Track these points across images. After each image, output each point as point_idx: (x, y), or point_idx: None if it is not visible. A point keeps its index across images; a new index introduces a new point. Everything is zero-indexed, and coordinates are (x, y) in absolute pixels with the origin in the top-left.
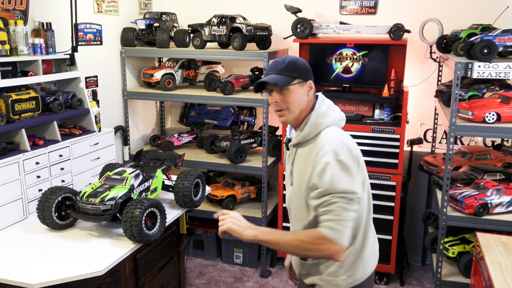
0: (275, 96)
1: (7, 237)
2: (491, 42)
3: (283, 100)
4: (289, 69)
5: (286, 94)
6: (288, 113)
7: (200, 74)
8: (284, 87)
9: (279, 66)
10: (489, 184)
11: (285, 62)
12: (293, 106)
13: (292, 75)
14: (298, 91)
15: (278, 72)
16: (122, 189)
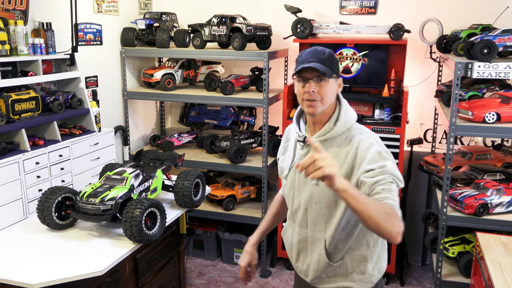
0: (312, 85)
1: (7, 237)
2: (491, 42)
3: (319, 91)
4: (330, 61)
5: (324, 86)
6: (320, 105)
7: (200, 74)
8: (324, 78)
9: (320, 55)
10: (489, 184)
11: (326, 53)
12: (327, 99)
13: (332, 68)
14: (333, 86)
15: (320, 61)
16: (122, 189)
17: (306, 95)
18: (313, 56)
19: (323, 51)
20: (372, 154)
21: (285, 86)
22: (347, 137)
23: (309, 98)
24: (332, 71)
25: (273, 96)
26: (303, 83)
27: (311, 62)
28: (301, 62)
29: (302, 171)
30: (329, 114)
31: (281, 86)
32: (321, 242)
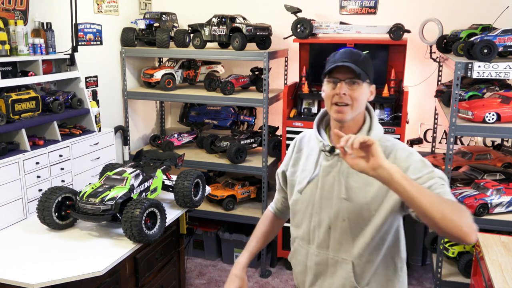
0: (344, 87)
1: (7, 237)
2: (491, 42)
3: (350, 95)
4: (366, 64)
5: (356, 90)
6: (349, 110)
7: (200, 74)
8: (358, 81)
9: (356, 56)
10: (489, 184)
11: (361, 55)
12: (357, 105)
13: (367, 72)
14: (366, 91)
15: (356, 63)
16: (122, 189)
17: (336, 98)
18: (348, 56)
19: (359, 53)
20: (415, 163)
21: (285, 86)
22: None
23: (339, 101)
24: (367, 75)
25: (273, 96)
26: (333, 84)
27: (345, 62)
28: (333, 61)
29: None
30: (359, 123)
31: (281, 86)
32: (347, 264)
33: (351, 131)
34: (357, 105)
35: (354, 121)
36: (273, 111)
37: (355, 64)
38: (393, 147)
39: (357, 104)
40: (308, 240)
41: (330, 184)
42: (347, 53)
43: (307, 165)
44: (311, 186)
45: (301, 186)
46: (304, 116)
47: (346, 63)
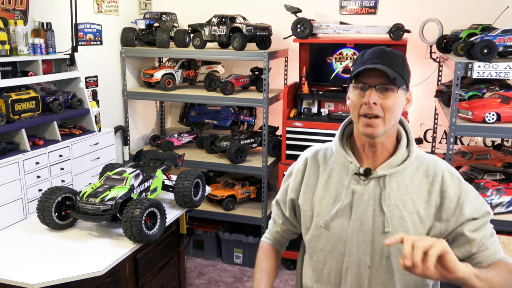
0: (374, 95)
1: (7, 237)
2: (491, 42)
3: (383, 105)
4: (402, 67)
5: (390, 98)
6: (381, 124)
7: (200, 74)
8: (392, 87)
9: (390, 57)
10: (489, 184)
11: (398, 56)
12: (391, 117)
13: (403, 76)
14: (402, 100)
15: (391, 65)
16: (122, 189)
17: (364, 108)
18: (379, 56)
19: (394, 53)
20: (469, 194)
21: (285, 86)
22: (417, 167)
23: (369, 113)
24: (403, 79)
25: (273, 96)
26: (361, 91)
27: (377, 64)
28: (361, 63)
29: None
30: (393, 137)
31: (281, 86)
32: None
33: (385, 149)
34: (391, 117)
35: (388, 136)
36: (273, 111)
37: (388, 67)
38: (437, 167)
39: (391, 116)
40: (335, 285)
41: (367, 214)
42: (379, 53)
43: (329, 191)
44: (340, 218)
45: (325, 219)
46: (304, 116)
47: (377, 65)
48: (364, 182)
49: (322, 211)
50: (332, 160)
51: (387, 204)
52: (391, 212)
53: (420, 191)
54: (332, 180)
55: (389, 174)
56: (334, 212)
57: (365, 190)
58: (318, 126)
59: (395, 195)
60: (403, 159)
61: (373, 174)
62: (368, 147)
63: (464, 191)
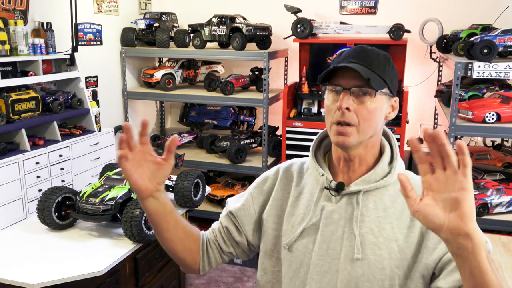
0: (347, 100)
1: (7, 237)
2: (491, 42)
3: (357, 111)
4: (382, 68)
5: (366, 104)
6: (355, 133)
7: (200, 74)
8: (369, 91)
9: (370, 56)
10: (489, 184)
11: (379, 55)
12: (367, 126)
13: (384, 78)
14: (382, 106)
15: (369, 65)
16: (122, 189)
17: (337, 115)
18: (357, 55)
19: (376, 52)
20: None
21: (285, 86)
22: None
23: (340, 120)
24: (384, 82)
25: (273, 96)
26: (335, 95)
27: (351, 63)
28: (337, 62)
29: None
30: (375, 151)
31: (281, 86)
32: None
33: (364, 163)
34: (367, 126)
35: (366, 148)
36: (273, 111)
37: (365, 66)
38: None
39: (367, 124)
40: None
41: (336, 236)
42: (357, 51)
43: (298, 208)
44: (305, 239)
45: (289, 240)
46: (304, 116)
47: (351, 64)
48: (336, 198)
49: (287, 230)
50: (307, 174)
51: (359, 226)
52: (364, 236)
53: (402, 215)
54: (303, 196)
55: (365, 191)
56: (299, 232)
57: (336, 208)
58: (318, 126)
59: (371, 216)
60: (384, 175)
61: (346, 189)
62: (344, 161)
63: None
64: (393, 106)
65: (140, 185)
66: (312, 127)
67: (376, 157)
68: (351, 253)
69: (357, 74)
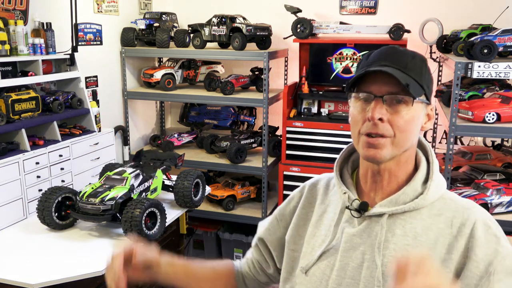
0: (379, 109)
1: (7, 237)
2: (491, 42)
3: (392, 121)
4: (419, 72)
5: (401, 113)
6: (389, 145)
7: (200, 74)
8: (405, 98)
9: (405, 58)
10: (489, 184)
11: (415, 57)
12: (404, 138)
13: (423, 85)
14: (419, 115)
15: (404, 69)
16: (122, 189)
17: (367, 126)
18: (389, 56)
19: (410, 53)
20: (506, 260)
21: (285, 86)
22: (439, 212)
23: (372, 132)
24: (421, 88)
25: (273, 96)
26: (364, 103)
27: (384, 66)
28: (366, 65)
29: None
30: (407, 166)
31: (281, 86)
32: None
33: (395, 180)
34: (404, 139)
35: (399, 163)
36: (273, 111)
37: (400, 70)
38: (468, 215)
39: (404, 136)
40: None
41: (356, 264)
42: (389, 52)
43: (319, 229)
44: (323, 263)
45: (307, 263)
46: (304, 116)
47: (384, 68)
48: (358, 220)
49: (307, 253)
50: (333, 191)
51: (382, 255)
52: (387, 266)
53: (437, 244)
54: (327, 215)
55: (391, 213)
56: (317, 256)
57: (357, 231)
58: (318, 126)
59: (397, 244)
60: (414, 196)
61: (370, 210)
62: (372, 176)
63: (501, 256)
64: (429, 115)
65: (138, 280)
66: (312, 127)
67: (409, 173)
68: (371, 284)
69: (390, 80)
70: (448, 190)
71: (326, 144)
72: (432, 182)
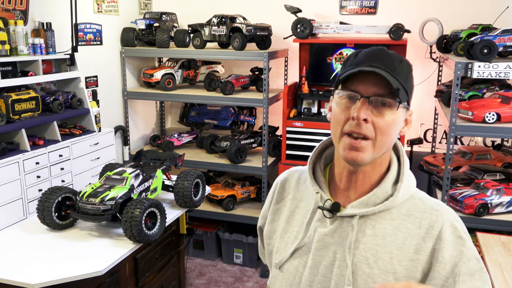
0: (365, 109)
1: (7, 237)
2: (491, 42)
3: (375, 124)
4: (405, 77)
5: (386, 116)
6: (370, 148)
7: (200, 74)
8: (391, 102)
9: (394, 61)
10: (489, 184)
11: (403, 61)
12: (384, 141)
13: (407, 90)
14: (400, 120)
15: (392, 72)
16: (122, 189)
17: (350, 125)
18: (379, 58)
19: (398, 58)
20: (473, 268)
21: (285, 86)
22: (409, 212)
23: (355, 131)
24: (406, 94)
25: (273, 96)
26: (349, 101)
27: (374, 67)
28: (354, 64)
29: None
30: (381, 168)
31: (281, 86)
32: None
33: (368, 181)
34: (384, 142)
35: (375, 166)
36: (273, 111)
37: (390, 73)
38: (437, 217)
39: (384, 139)
40: None
41: (327, 262)
42: (379, 54)
43: (292, 225)
44: (296, 260)
45: (280, 259)
46: (304, 116)
47: (377, 69)
48: (330, 220)
49: (280, 248)
50: (304, 186)
51: (352, 254)
52: (357, 265)
53: (404, 245)
54: (298, 211)
55: (361, 215)
56: (290, 252)
57: (329, 231)
58: (318, 126)
59: (367, 244)
60: (385, 198)
61: (341, 211)
62: (347, 176)
63: (466, 258)
64: (407, 120)
65: None
66: (312, 127)
67: (382, 174)
68: (342, 283)
69: (379, 81)
70: (418, 189)
71: None
72: (402, 184)
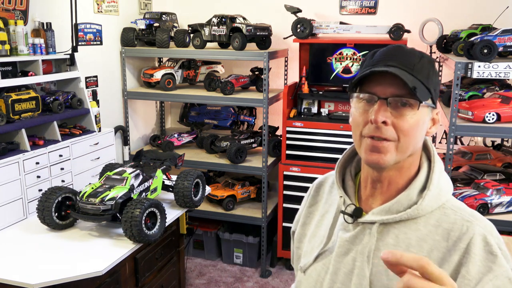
0: (383, 112)
1: (7, 237)
2: (491, 42)
3: (396, 125)
4: (426, 74)
5: (406, 117)
6: (393, 150)
7: (200, 74)
8: (411, 102)
9: (412, 59)
10: (489, 184)
11: (423, 57)
12: (408, 142)
13: (429, 88)
14: (424, 120)
15: (411, 70)
16: (122, 189)
17: (369, 128)
18: (395, 56)
19: (417, 53)
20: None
21: (285, 86)
22: (438, 223)
23: (375, 135)
24: (428, 92)
25: (273, 96)
26: (367, 104)
27: (390, 66)
28: (370, 65)
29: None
30: (410, 172)
31: (281, 86)
32: None
33: (394, 187)
34: (408, 143)
35: (402, 170)
36: (273, 111)
37: (407, 71)
38: (467, 228)
39: (408, 141)
40: None
41: (347, 269)
42: (395, 52)
43: (320, 229)
44: (319, 265)
45: (305, 262)
46: (304, 116)
47: (390, 68)
48: (353, 226)
49: (307, 252)
50: (336, 191)
51: (372, 263)
52: (376, 276)
53: (429, 258)
54: (328, 215)
55: (382, 222)
56: (314, 256)
57: (350, 237)
58: (318, 126)
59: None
60: (408, 206)
61: (362, 217)
62: (371, 183)
63: (493, 275)
64: (435, 120)
65: None
66: (312, 127)
67: (410, 179)
68: None
69: (396, 81)
70: (453, 198)
71: (326, 144)
72: (428, 192)
